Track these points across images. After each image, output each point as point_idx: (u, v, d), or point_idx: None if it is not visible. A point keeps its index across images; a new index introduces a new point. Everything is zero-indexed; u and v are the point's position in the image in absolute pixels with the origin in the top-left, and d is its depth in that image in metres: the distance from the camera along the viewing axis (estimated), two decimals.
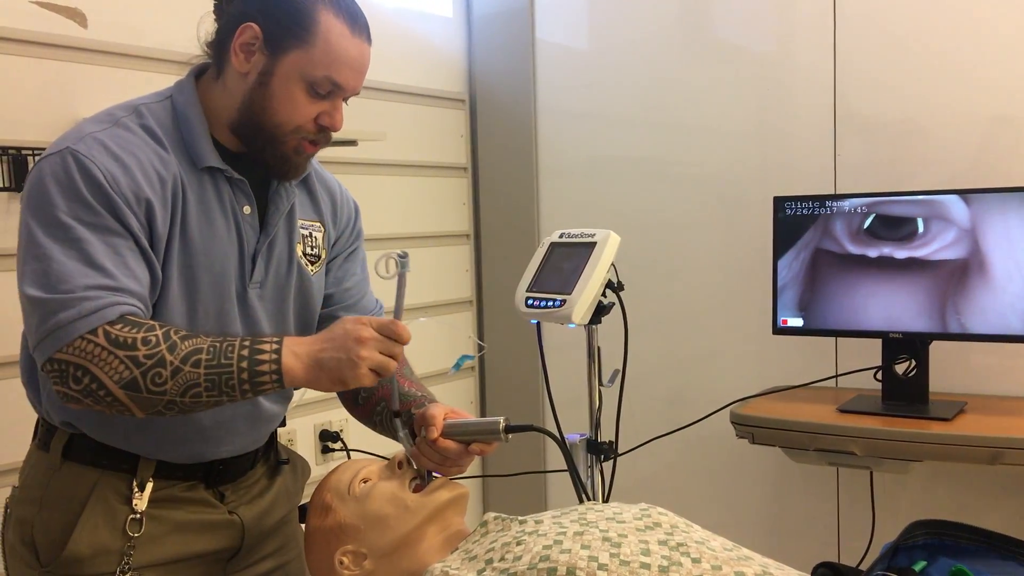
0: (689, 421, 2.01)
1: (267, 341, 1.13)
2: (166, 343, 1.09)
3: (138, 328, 1.09)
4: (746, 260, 2.35)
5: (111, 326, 1.08)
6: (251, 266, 1.27)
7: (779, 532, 2.38)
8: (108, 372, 1.07)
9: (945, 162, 2.12)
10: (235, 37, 1.19)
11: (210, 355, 1.10)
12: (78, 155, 1.13)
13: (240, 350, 1.11)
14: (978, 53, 2.08)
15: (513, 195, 2.77)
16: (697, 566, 0.97)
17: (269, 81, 1.19)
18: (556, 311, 1.43)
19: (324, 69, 1.19)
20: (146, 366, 1.08)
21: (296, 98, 1.20)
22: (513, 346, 2.76)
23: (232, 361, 1.10)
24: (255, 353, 1.11)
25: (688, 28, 2.46)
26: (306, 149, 1.24)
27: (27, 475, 1.27)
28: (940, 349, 2.00)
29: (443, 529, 1.18)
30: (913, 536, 1.01)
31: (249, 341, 1.12)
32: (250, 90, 1.20)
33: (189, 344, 1.10)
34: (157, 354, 1.08)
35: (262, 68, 1.19)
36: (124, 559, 1.21)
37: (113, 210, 1.12)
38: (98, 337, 1.07)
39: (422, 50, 2.67)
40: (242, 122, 1.22)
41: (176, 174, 1.19)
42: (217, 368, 1.10)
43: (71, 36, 1.79)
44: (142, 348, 1.08)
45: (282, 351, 1.12)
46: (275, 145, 1.22)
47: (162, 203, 1.17)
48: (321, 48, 1.18)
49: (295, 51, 1.18)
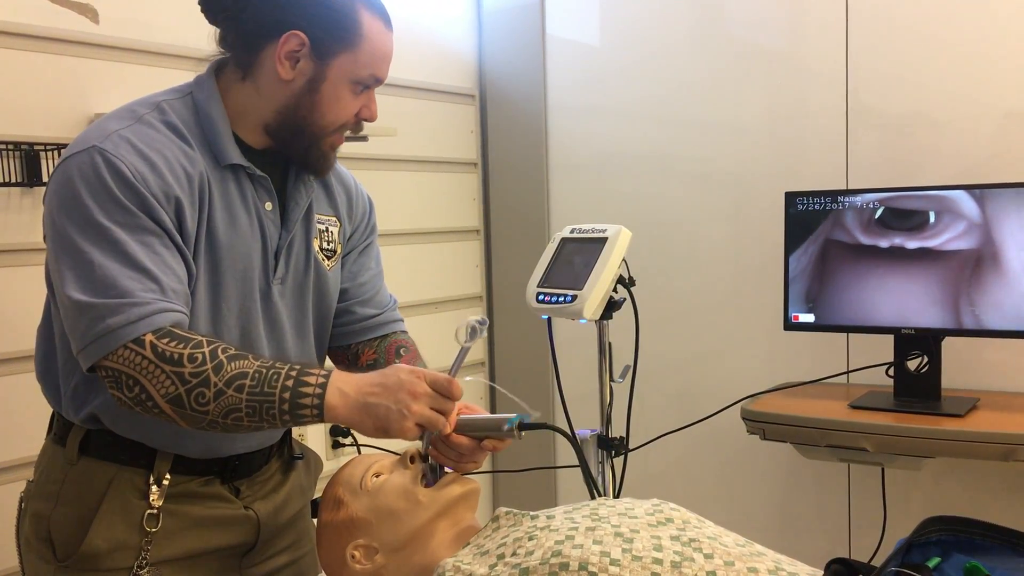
0: (700, 417, 2.01)
1: (315, 373, 1.11)
2: (212, 362, 1.08)
3: (185, 343, 1.09)
4: (757, 256, 2.34)
5: (158, 338, 1.08)
6: (274, 263, 1.27)
7: (789, 528, 2.38)
8: (156, 385, 1.08)
9: (958, 157, 2.11)
10: (279, 46, 1.19)
11: (254, 381, 1.09)
12: (106, 153, 1.12)
13: (285, 379, 1.09)
14: (990, 48, 2.07)
15: (523, 191, 2.76)
16: (710, 562, 0.97)
17: (319, 87, 1.21)
18: (567, 307, 1.43)
19: (369, 68, 1.22)
20: (191, 384, 1.08)
21: (343, 98, 1.23)
22: (522, 342, 2.76)
23: (275, 390, 1.09)
24: (300, 385, 1.10)
25: (699, 23, 2.45)
26: (341, 143, 1.28)
27: (43, 470, 1.28)
28: (953, 345, 1.99)
29: (454, 524, 1.18)
30: (927, 532, 1.01)
31: (297, 370, 1.11)
32: (297, 96, 1.21)
33: (235, 367, 1.09)
34: (203, 373, 1.08)
35: (311, 75, 1.20)
36: (141, 554, 1.21)
37: (146, 208, 1.12)
38: (145, 349, 1.08)
39: (433, 46, 2.67)
40: (283, 124, 1.23)
41: (202, 171, 1.19)
42: (259, 396, 1.09)
43: (83, 32, 1.80)
44: (188, 365, 1.08)
45: (328, 387, 1.10)
46: (318, 144, 1.25)
47: (190, 201, 1.17)
48: (367, 49, 1.21)
49: (343, 55, 1.20)
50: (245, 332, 1.25)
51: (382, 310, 1.43)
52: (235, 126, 1.24)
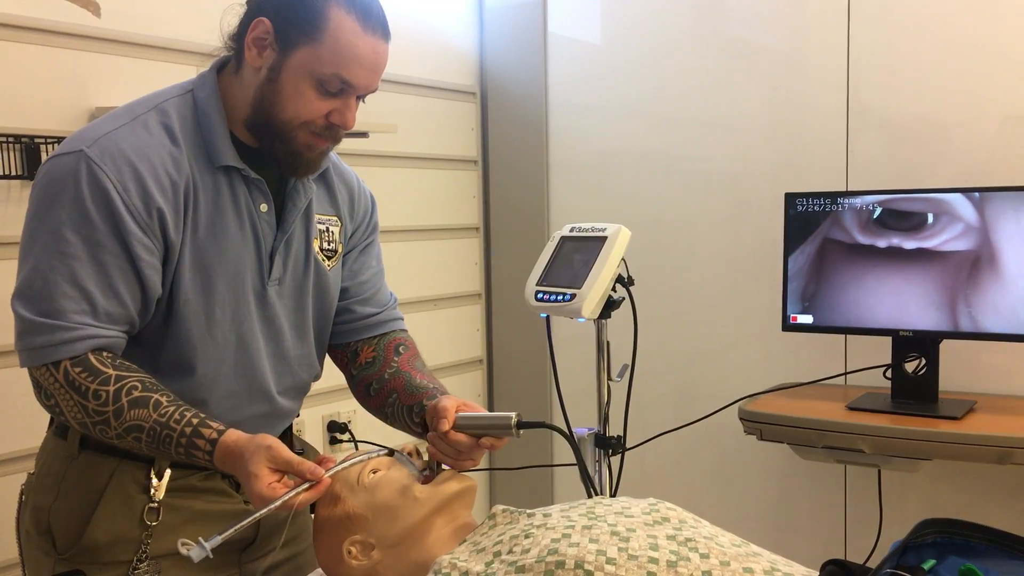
0: (697, 416, 2.01)
1: (204, 438, 1.12)
2: (114, 405, 1.12)
3: (94, 377, 1.12)
4: (756, 256, 2.34)
5: (72, 366, 1.12)
6: (269, 264, 1.27)
7: (785, 529, 2.38)
8: (67, 408, 1.14)
9: (958, 159, 2.11)
10: (249, 31, 1.19)
11: (150, 437, 1.13)
12: (91, 163, 1.13)
13: (177, 444, 1.12)
14: (992, 50, 2.07)
15: (523, 189, 2.76)
16: (706, 561, 0.97)
17: (278, 77, 1.18)
18: (566, 305, 1.43)
19: (333, 67, 1.17)
20: (94, 419, 1.13)
21: (305, 95, 1.18)
22: (521, 340, 2.77)
23: (170, 448, 1.13)
24: (192, 447, 1.13)
25: (701, 23, 2.45)
26: (318, 145, 1.23)
27: (44, 463, 1.28)
28: (950, 348, 1.99)
29: (451, 521, 1.18)
30: (923, 534, 1.01)
31: (191, 430, 1.12)
32: (261, 85, 1.20)
33: (134, 415, 1.12)
34: (104, 413, 1.13)
35: (272, 64, 1.19)
36: (141, 548, 1.22)
37: (115, 225, 1.13)
38: (59, 374, 1.12)
39: (434, 43, 2.67)
40: (254, 117, 1.22)
41: (188, 176, 1.19)
42: (155, 446, 1.14)
43: (85, 25, 1.80)
44: (92, 401, 1.12)
45: (214, 455, 1.12)
46: (285, 141, 1.21)
47: (174, 209, 1.17)
48: (330, 46, 1.16)
49: (303, 48, 1.17)
50: (240, 335, 1.25)
51: (382, 308, 1.43)
52: (233, 125, 1.23)
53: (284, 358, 1.31)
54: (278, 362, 1.31)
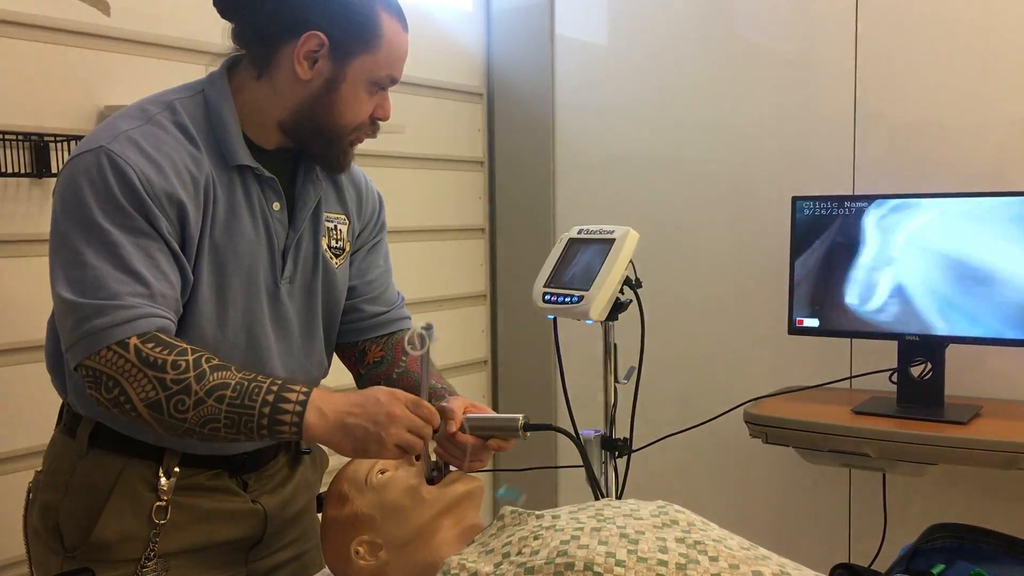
0: (703, 419, 2.01)
1: (295, 390, 1.11)
2: (195, 371, 1.09)
3: (170, 349, 1.09)
4: (763, 259, 2.34)
5: (143, 342, 1.09)
6: (282, 263, 1.27)
7: (790, 532, 2.38)
8: (136, 389, 1.09)
9: (965, 164, 2.11)
10: (298, 45, 1.18)
11: (235, 393, 1.09)
12: (112, 155, 1.13)
13: (266, 394, 1.10)
14: (1000, 55, 2.07)
15: (529, 190, 2.77)
16: (715, 564, 0.97)
17: (338, 87, 1.21)
18: (574, 307, 1.43)
19: (387, 69, 1.23)
20: (172, 390, 1.08)
21: (361, 99, 1.23)
22: (526, 341, 2.76)
23: (255, 404, 1.09)
24: (280, 400, 1.10)
25: (708, 25, 2.46)
26: (360, 141, 1.28)
27: (52, 460, 1.28)
28: (956, 352, 1.99)
29: (458, 522, 1.18)
30: (932, 539, 1.01)
31: (279, 385, 1.11)
32: (314, 96, 1.21)
33: (217, 377, 1.10)
34: (184, 380, 1.08)
35: (329, 75, 1.20)
36: (149, 546, 1.22)
37: (146, 212, 1.13)
38: (128, 352, 1.08)
39: (441, 44, 2.67)
40: (300, 123, 1.23)
41: (208, 173, 1.19)
42: (239, 408, 1.09)
43: (94, 24, 1.80)
44: (170, 372, 1.08)
45: (307, 404, 1.10)
46: (337, 143, 1.25)
47: (195, 204, 1.17)
48: (386, 51, 1.22)
49: (362, 56, 1.20)
50: (251, 333, 1.25)
51: (390, 307, 1.44)
52: (245, 125, 1.24)
53: (294, 356, 1.32)
54: (288, 360, 1.31)
